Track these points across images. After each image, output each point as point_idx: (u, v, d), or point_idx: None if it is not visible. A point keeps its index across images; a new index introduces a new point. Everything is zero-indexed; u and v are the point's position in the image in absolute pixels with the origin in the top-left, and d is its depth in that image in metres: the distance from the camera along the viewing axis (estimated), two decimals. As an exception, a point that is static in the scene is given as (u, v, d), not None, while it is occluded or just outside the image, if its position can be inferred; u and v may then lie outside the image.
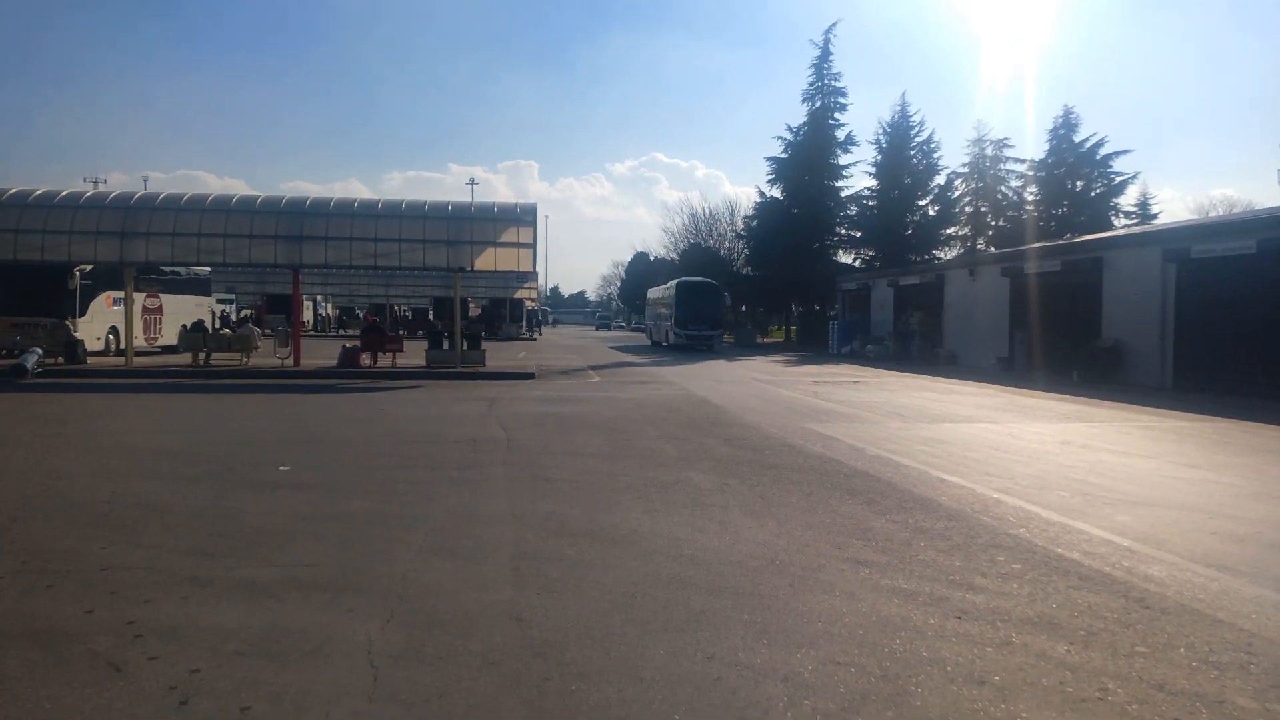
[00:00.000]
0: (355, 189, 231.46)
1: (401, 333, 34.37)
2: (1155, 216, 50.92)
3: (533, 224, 24.07)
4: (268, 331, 34.66)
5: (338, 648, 4.20)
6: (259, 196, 24.20)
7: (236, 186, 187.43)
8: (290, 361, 24.06)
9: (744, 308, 64.73)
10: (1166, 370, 22.37)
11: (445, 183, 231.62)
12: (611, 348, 44.80)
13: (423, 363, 24.58)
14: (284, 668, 3.95)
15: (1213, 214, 62.72)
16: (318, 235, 23.12)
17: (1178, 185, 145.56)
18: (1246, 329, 19.97)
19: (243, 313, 52.57)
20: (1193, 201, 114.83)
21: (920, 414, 15.15)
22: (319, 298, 62.43)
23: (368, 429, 12.45)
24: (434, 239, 23.55)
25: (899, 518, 7.13)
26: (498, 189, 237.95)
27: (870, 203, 53.71)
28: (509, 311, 56.59)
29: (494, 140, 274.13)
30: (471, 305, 58.28)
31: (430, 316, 56.90)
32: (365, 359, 24.29)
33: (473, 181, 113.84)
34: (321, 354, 27.66)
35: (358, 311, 61.85)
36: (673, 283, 45.52)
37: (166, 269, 28.93)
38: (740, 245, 64.17)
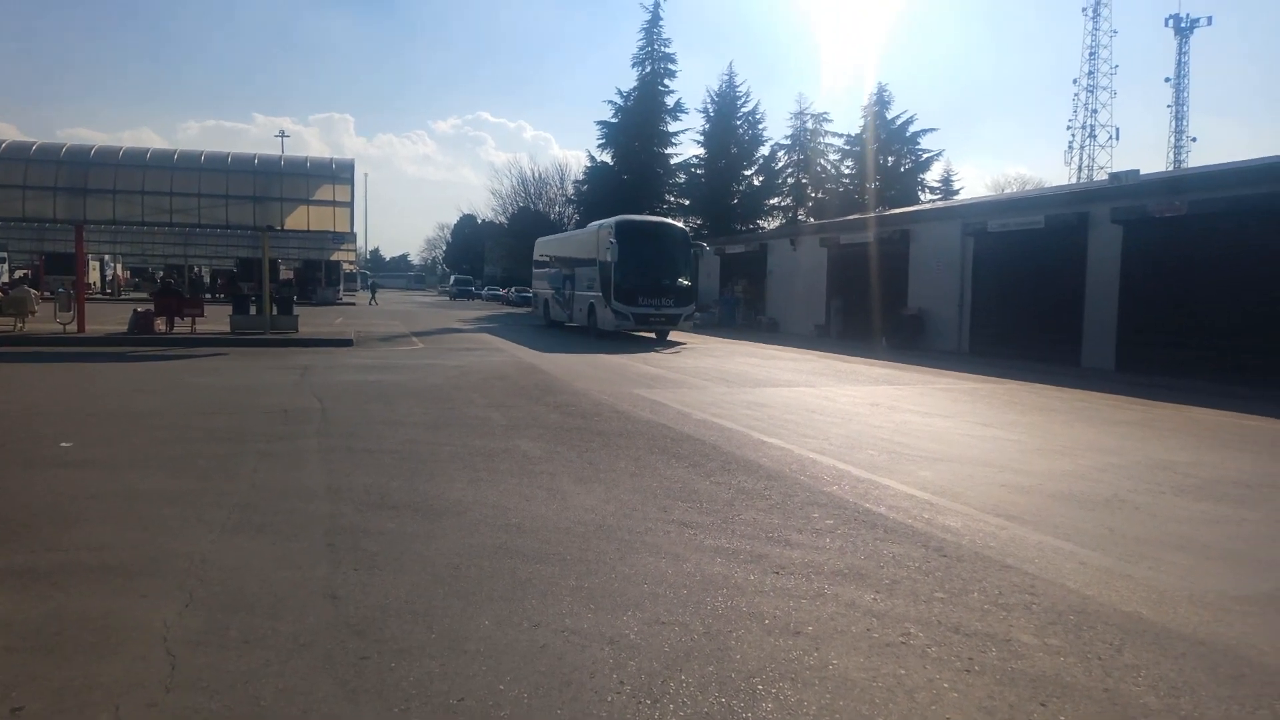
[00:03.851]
0: (147, 138, 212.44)
1: (204, 296, 31.91)
2: (957, 192, 54.88)
3: (350, 181, 22.87)
4: (47, 294, 31.41)
5: (129, 635, 3.83)
6: (34, 143, 21.57)
7: (5, 132, 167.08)
8: (73, 327, 21.79)
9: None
10: (964, 336, 24.31)
11: (250, 134, 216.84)
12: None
13: (227, 329, 22.97)
14: (66, 661, 3.57)
15: (1008, 191, 68.43)
16: (105, 188, 20.89)
17: (977, 163, 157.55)
18: (1033, 297, 22.00)
19: (17, 273, 47.44)
20: (990, 179, 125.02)
21: (743, 379, 15.68)
22: (107, 257, 56.93)
23: (164, 400, 11.48)
24: (239, 194, 21.83)
25: (722, 479, 7.33)
26: (310, 143, 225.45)
27: (699, 171, 54.92)
28: (325, 275, 53.82)
29: (304, 90, 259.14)
30: (283, 268, 54.99)
31: (236, 279, 53.18)
32: (160, 324, 22.41)
33: (282, 134, 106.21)
34: (110, 319, 25.28)
35: (153, 273, 56.95)
36: (608, 224, 26.74)
37: None
38: (571, 210, 63.91)
